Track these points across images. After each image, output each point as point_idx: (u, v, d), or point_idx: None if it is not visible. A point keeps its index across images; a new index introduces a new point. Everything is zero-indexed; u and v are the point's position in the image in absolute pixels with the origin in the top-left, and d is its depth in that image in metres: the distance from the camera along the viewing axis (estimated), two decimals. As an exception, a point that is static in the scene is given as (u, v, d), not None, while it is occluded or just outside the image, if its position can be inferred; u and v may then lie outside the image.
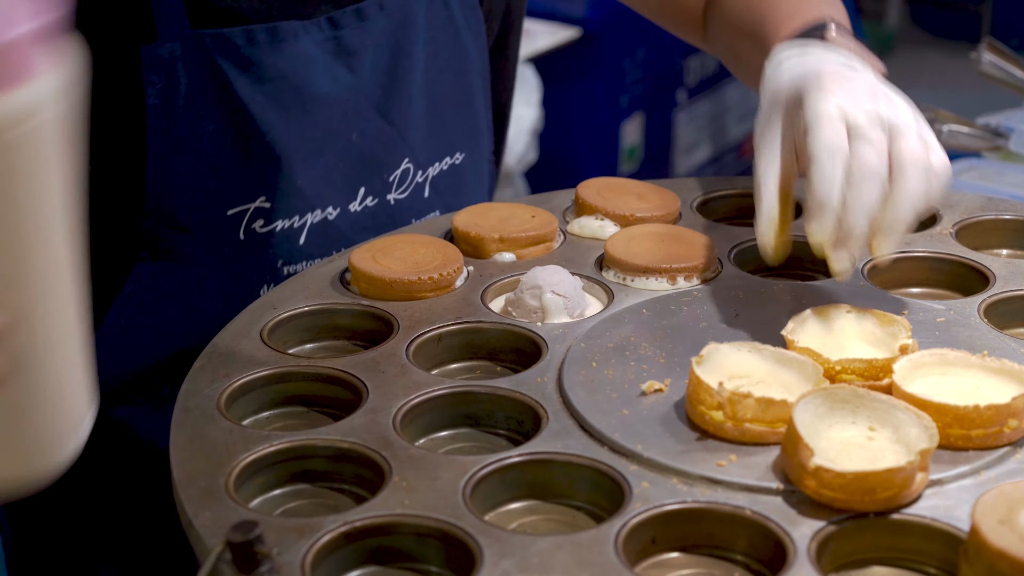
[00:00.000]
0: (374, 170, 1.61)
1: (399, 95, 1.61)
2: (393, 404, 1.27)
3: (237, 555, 1.06)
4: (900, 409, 1.17)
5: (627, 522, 1.11)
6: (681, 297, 1.44)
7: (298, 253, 1.57)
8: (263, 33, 1.49)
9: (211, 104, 1.48)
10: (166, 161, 1.48)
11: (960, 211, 1.63)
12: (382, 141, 1.61)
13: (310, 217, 1.57)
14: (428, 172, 1.67)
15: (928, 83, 5.89)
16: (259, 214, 1.54)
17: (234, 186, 1.52)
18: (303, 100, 1.53)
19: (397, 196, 1.64)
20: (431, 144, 1.66)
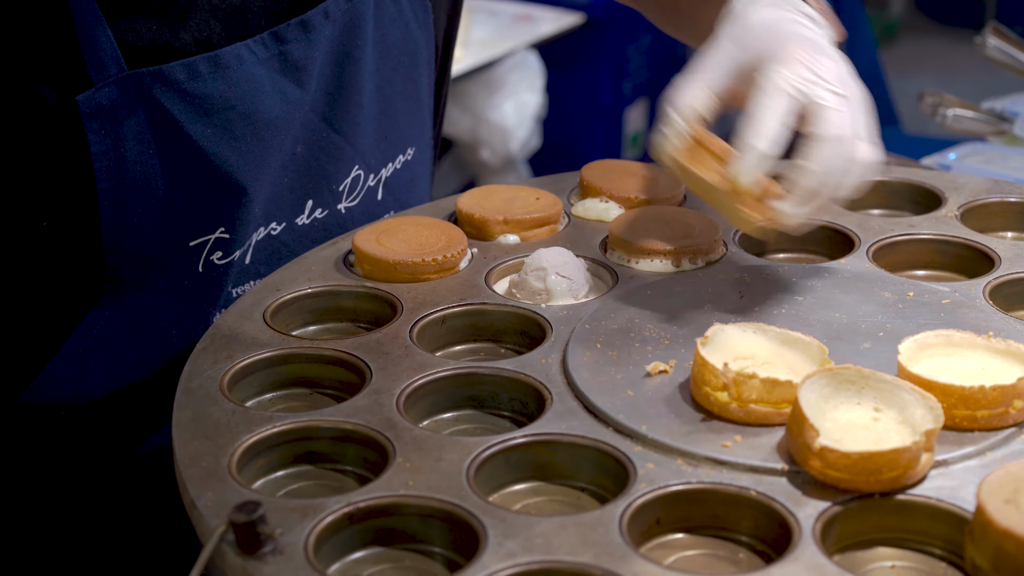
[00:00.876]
0: (321, 182, 1.57)
1: (347, 102, 1.56)
2: (397, 385, 1.27)
3: (240, 536, 1.06)
4: (905, 390, 1.17)
5: (632, 503, 1.11)
6: (685, 279, 1.44)
7: (244, 273, 1.54)
8: (204, 63, 1.42)
9: (159, 143, 1.42)
10: (120, 204, 1.42)
11: (966, 194, 1.62)
12: (328, 151, 1.57)
13: (254, 236, 1.53)
14: (381, 175, 1.64)
15: (932, 69, 5.88)
16: (218, 245, 1.50)
17: (193, 220, 1.47)
18: (255, 127, 1.47)
19: (348, 204, 1.61)
20: (382, 147, 1.63)
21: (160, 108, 1.41)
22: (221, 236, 1.49)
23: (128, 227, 1.44)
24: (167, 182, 1.44)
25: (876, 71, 4.26)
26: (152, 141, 1.42)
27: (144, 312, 1.48)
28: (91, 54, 1.37)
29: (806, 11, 1.43)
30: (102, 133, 1.39)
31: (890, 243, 1.52)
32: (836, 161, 1.30)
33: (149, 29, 1.40)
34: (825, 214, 1.37)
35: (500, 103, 3.91)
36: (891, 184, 1.67)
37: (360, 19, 1.54)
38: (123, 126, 1.40)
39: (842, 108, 1.32)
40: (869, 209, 1.65)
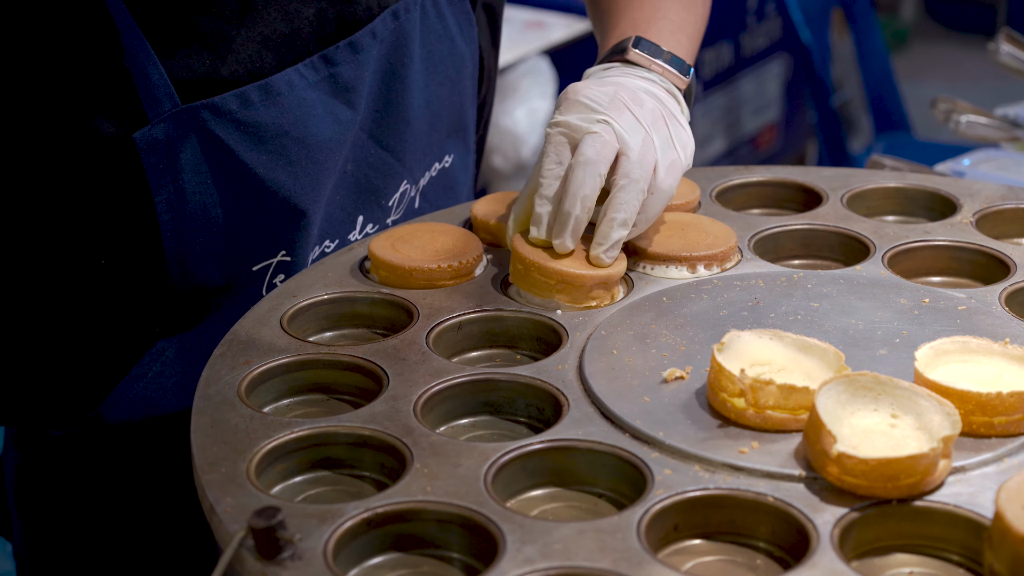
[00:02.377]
0: (371, 197, 1.59)
1: (395, 119, 1.58)
2: (414, 392, 1.27)
3: (259, 541, 1.06)
4: (923, 396, 1.17)
5: (649, 509, 1.11)
6: (701, 285, 1.44)
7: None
8: (255, 92, 1.45)
9: (216, 173, 1.45)
10: (182, 234, 1.45)
11: (981, 200, 1.62)
12: (377, 167, 1.59)
13: (310, 256, 1.56)
14: (420, 184, 1.65)
15: (944, 75, 5.88)
16: (281, 268, 1.52)
17: (254, 246, 1.50)
18: (310, 150, 1.49)
19: (395, 218, 1.63)
20: (427, 159, 1.65)
21: (215, 139, 1.43)
22: (283, 259, 1.51)
23: (191, 256, 1.46)
24: (227, 210, 1.46)
25: (888, 77, 4.26)
26: (209, 171, 1.44)
27: (212, 337, 1.49)
28: (145, 91, 1.40)
29: (634, 73, 1.50)
30: (160, 168, 1.41)
31: (906, 249, 1.52)
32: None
33: (202, 63, 1.43)
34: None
35: (512, 109, 3.91)
36: (906, 191, 1.67)
37: (407, 37, 1.56)
38: (180, 159, 1.42)
39: (603, 132, 1.38)
40: (884, 216, 1.65)
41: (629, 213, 1.39)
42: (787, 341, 1.27)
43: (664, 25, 1.57)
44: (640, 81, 1.49)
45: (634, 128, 1.40)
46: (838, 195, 1.64)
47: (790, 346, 1.27)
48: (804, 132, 5.09)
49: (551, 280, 1.40)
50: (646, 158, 1.39)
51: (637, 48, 1.51)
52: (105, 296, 1.48)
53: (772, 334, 1.28)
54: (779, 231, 1.57)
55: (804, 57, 4.00)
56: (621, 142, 1.39)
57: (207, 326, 1.51)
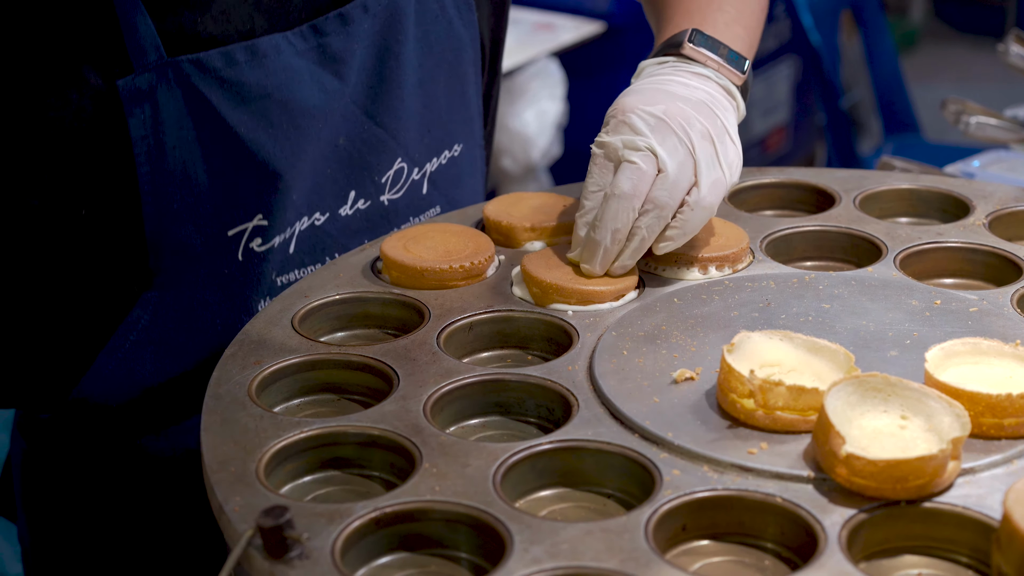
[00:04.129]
0: (364, 173, 1.59)
1: (388, 96, 1.59)
2: (424, 392, 1.27)
3: (267, 540, 1.06)
4: (932, 398, 1.17)
5: (657, 509, 1.11)
6: (713, 286, 1.44)
7: (288, 262, 1.56)
8: (241, 52, 1.46)
9: (197, 130, 1.46)
10: (160, 190, 1.46)
11: (993, 202, 1.62)
12: (371, 143, 1.59)
13: (298, 226, 1.55)
14: (425, 169, 1.65)
15: (953, 77, 5.88)
16: (257, 232, 1.52)
17: (230, 208, 1.50)
18: (291, 114, 1.50)
19: (391, 197, 1.62)
20: (426, 141, 1.65)
21: (198, 94, 1.44)
22: (259, 223, 1.51)
23: (168, 215, 1.46)
24: (205, 167, 1.47)
25: (897, 78, 4.26)
26: (190, 127, 1.45)
27: (187, 303, 1.51)
28: (131, 40, 1.41)
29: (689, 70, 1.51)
30: (142, 119, 1.42)
31: (917, 251, 1.52)
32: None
33: (191, 19, 1.44)
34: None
35: (521, 111, 3.91)
36: (919, 192, 1.67)
37: (400, 14, 1.57)
38: (162, 111, 1.43)
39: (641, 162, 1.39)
40: (897, 217, 1.65)
41: (649, 235, 1.40)
42: (797, 342, 1.27)
43: (719, 17, 1.57)
44: (695, 80, 1.48)
45: (675, 151, 1.40)
46: (850, 197, 1.64)
47: (800, 347, 1.27)
48: (813, 134, 5.09)
49: (571, 300, 1.41)
50: (680, 183, 1.39)
51: (693, 43, 1.51)
52: (83, 257, 1.49)
53: (782, 335, 1.28)
54: (791, 232, 1.57)
55: (813, 59, 4.00)
56: (661, 165, 1.39)
57: (182, 292, 1.51)
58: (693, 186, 1.40)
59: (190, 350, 1.54)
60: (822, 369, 1.24)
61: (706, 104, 1.45)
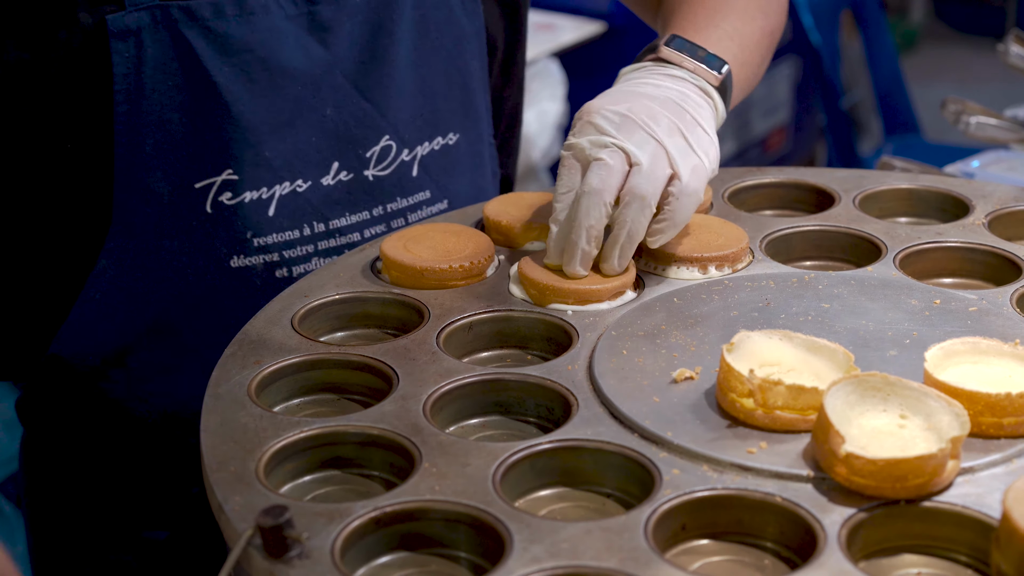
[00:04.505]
0: (349, 145, 1.60)
1: (379, 72, 1.60)
2: (423, 391, 1.27)
3: (267, 539, 1.06)
4: (931, 397, 1.17)
5: (657, 508, 1.11)
6: (712, 286, 1.44)
7: (268, 225, 1.57)
8: (232, 5, 1.49)
9: (178, 76, 1.49)
10: (134, 134, 1.48)
11: (993, 202, 1.62)
12: (358, 117, 1.60)
13: (279, 189, 1.56)
14: (416, 151, 1.65)
15: (953, 77, 5.88)
16: (226, 186, 1.54)
17: (200, 159, 1.52)
18: (271, 73, 1.53)
19: (377, 172, 1.62)
20: (418, 123, 1.65)
21: (183, 41, 1.48)
22: (229, 177, 1.53)
23: (140, 158, 1.49)
24: (180, 116, 1.49)
25: (897, 79, 4.26)
26: (172, 72, 1.48)
27: (154, 252, 1.53)
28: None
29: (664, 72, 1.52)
30: (126, 56, 1.46)
31: (917, 251, 1.52)
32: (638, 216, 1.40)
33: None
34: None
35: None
36: (918, 192, 1.67)
37: None
38: (146, 52, 1.47)
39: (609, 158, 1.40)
40: (896, 217, 1.65)
41: (635, 228, 1.40)
42: (797, 342, 1.27)
43: (712, 32, 1.58)
44: (667, 81, 1.49)
45: (645, 144, 1.40)
46: (850, 196, 1.64)
47: (800, 347, 1.27)
48: (814, 134, 5.09)
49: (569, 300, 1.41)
50: (656, 172, 1.39)
51: (670, 46, 1.52)
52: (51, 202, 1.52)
53: (782, 335, 1.28)
54: (791, 232, 1.57)
55: (814, 59, 4.00)
56: (632, 160, 1.39)
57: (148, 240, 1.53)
58: (673, 177, 1.40)
59: (161, 300, 1.55)
60: (821, 368, 1.24)
61: (674, 101, 1.46)
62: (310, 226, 1.59)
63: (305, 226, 1.59)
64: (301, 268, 1.59)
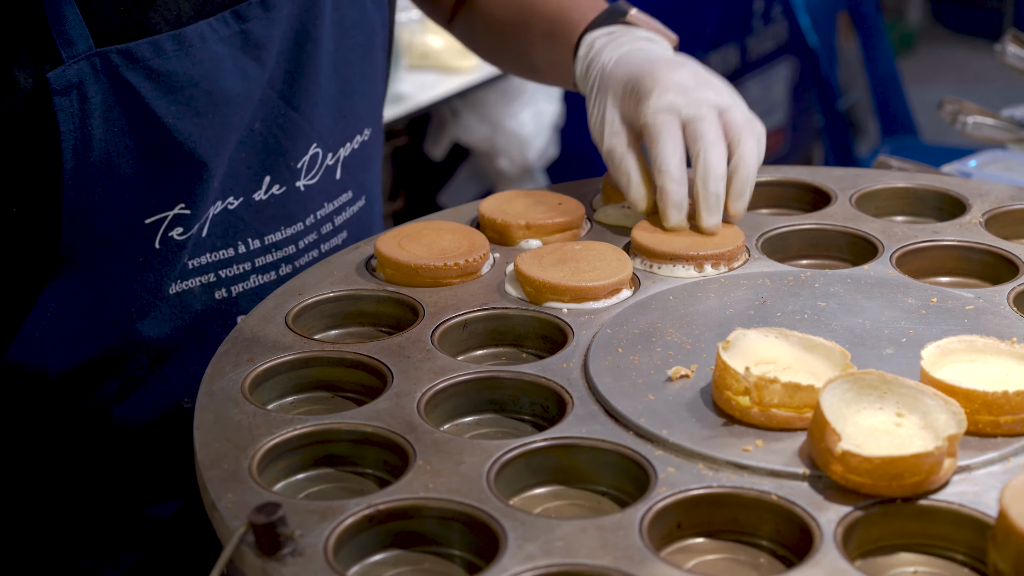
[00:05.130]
0: (279, 158, 1.59)
1: (305, 80, 1.58)
2: (418, 389, 1.27)
3: (260, 537, 1.06)
4: (928, 395, 1.16)
5: (652, 506, 1.11)
6: (708, 284, 1.44)
7: (201, 246, 1.54)
8: (169, 42, 1.45)
9: (122, 121, 1.44)
10: (82, 182, 1.44)
11: (990, 200, 1.62)
12: (287, 128, 1.58)
13: (212, 210, 1.54)
14: (339, 154, 1.65)
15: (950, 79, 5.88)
16: (178, 221, 1.51)
17: (152, 196, 1.49)
18: (216, 103, 1.49)
19: (307, 182, 1.61)
20: (340, 126, 1.65)
21: (126, 85, 1.43)
22: (181, 212, 1.50)
23: (88, 205, 1.45)
24: (130, 158, 1.46)
25: (895, 80, 4.26)
26: (117, 118, 1.44)
27: (98, 290, 1.50)
28: (59, 31, 1.40)
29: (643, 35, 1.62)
30: (70, 111, 1.41)
31: (914, 249, 1.52)
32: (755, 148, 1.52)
33: (117, 10, 1.43)
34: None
35: (518, 112, 3.91)
36: (915, 191, 1.67)
37: None
38: (90, 103, 1.42)
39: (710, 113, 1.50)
40: (893, 216, 1.65)
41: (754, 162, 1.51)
42: (792, 340, 1.27)
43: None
44: (657, 46, 1.60)
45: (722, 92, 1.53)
46: (847, 195, 1.64)
47: (796, 345, 1.26)
48: (811, 135, 5.09)
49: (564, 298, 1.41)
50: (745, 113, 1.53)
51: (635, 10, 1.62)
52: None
53: (778, 332, 1.27)
54: (787, 231, 1.57)
55: (811, 60, 4.00)
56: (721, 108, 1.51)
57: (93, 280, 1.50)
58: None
59: (102, 337, 1.53)
60: (817, 367, 1.24)
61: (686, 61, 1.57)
62: (245, 243, 1.57)
63: (240, 244, 1.57)
64: (240, 287, 1.57)
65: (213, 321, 1.55)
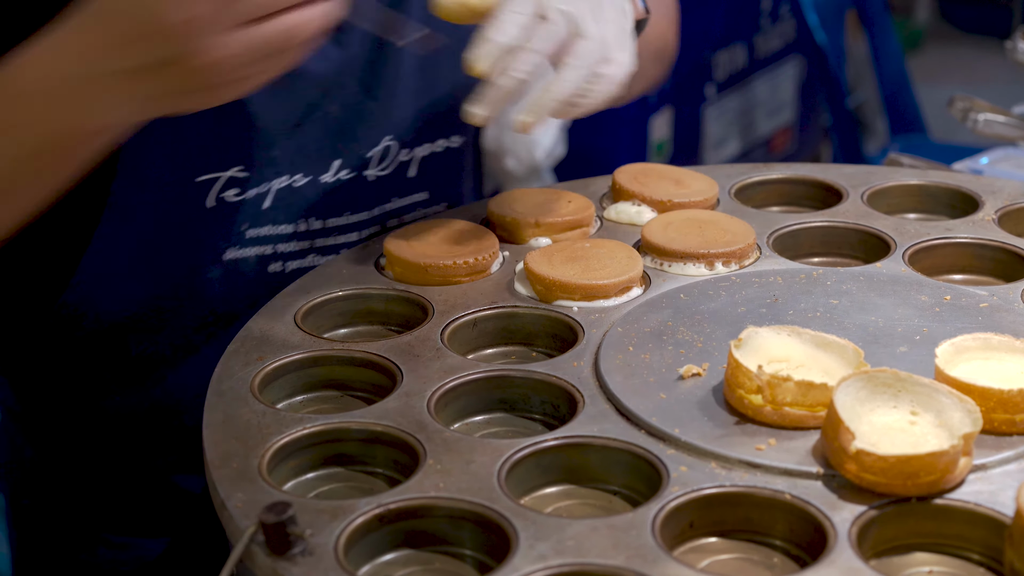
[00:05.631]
0: (350, 143, 1.59)
1: (386, 70, 1.58)
2: (428, 388, 1.26)
3: (270, 536, 1.05)
4: (943, 393, 1.16)
5: (664, 506, 1.10)
6: (719, 282, 1.43)
7: (262, 217, 1.55)
8: None
9: None
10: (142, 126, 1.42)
11: (1003, 197, 1.61)
12: (361, 115, 1.58)
13: (276, 183, 1.55)
14: (415, 152, 1.64)
15: (959, 77, 5.86)
16: (233, 183, 1.52)
17: (207, 154, 1.50)
18: (290, 76, 1.45)
19: (378, 173, 1.61)
20: (420, 124, 1.64)
21: None
22: (237, 175, 1.51)
23: (145, 150, 1.46)
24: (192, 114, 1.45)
25: (903, 79, 4.25)
26: None
27: (150, 240, 1.50)
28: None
29: None
30: None
31: (927, 247, 1.51)
32: (569, 82, 1.36)
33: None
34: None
35: (525, 111, 3.90)
36: (927, 188, 1.66)
37: None
38: None
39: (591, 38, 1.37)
40: (905, 213, 1.64)
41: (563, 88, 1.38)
42: (805, 338, 1.26)
43: None
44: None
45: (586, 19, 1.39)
46: (858, 192, 1.63)
47: (808, 342, 1.25)
48: (819, 134, 5.08)
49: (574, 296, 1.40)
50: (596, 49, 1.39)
51: None
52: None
53: (790, 330, 1.26)
54: (798, 228, 1.56)
55: (819, 59, 3.99)
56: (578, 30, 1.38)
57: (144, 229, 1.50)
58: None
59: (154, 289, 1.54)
60: (831, 365, 1.23)
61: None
62: (307, 222, 1.57)
63: (302, 222, 1.57)
64: (296, 264, 1.57)
65: (266, 293, 1.55)
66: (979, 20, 6.54)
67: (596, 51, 1.37)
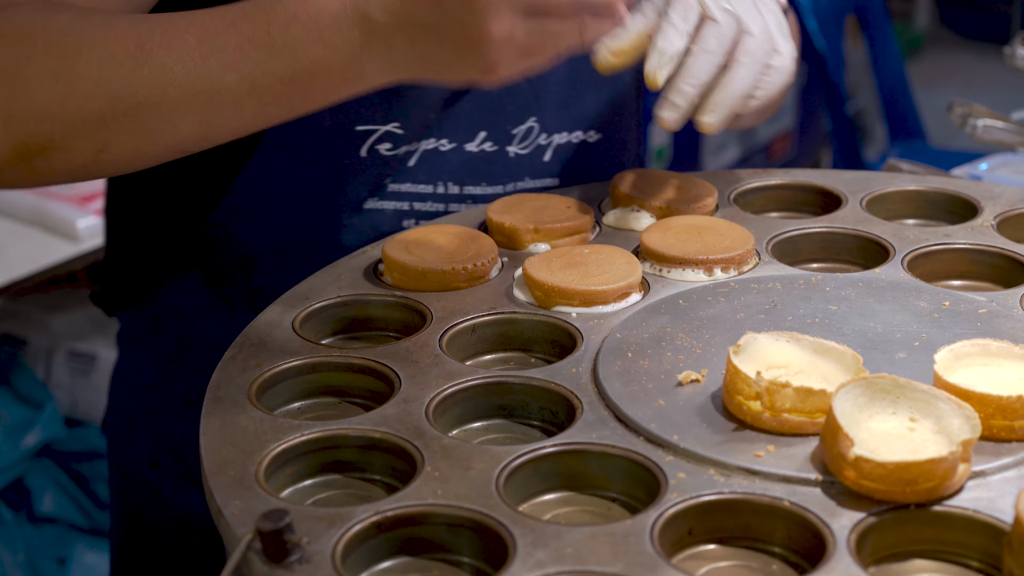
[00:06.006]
0: (499, 118, 1.62)
1: None
2: (426, 394, 1.26)
3: (267, 544, 1.05)
4: (942, 400, 1.15)
5: (663, 513, 1.10)
6: (718, 288, 1.43)
7: (405, 174, 1.59)
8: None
9: None
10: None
11: (1002, 203, 1.61)
12: (514, 93, 1.61)
13: (425, 144, 1.58)
14: (553, 139, 1.66)
15: (958, 83, 5.87)
16: (388, 137, 1.55)
17: (373, 106, 1.53)
18: None
19: (518, 150, 1.64)
20: (561, 113, 1.66)
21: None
22: (394, 130, 1.55)
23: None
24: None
25: (903, 84, 4.25)
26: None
27: (297, 177, 1.54)
28: None
29: None
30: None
31: (925, 252, 1.50)
32: (747, 79, 1.41)
33: None
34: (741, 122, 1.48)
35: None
36: (926, 194, 1.66)
37: None
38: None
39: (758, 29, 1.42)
40: (904, 219, 1.64)
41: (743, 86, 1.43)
42: (804, 344, 1.26)
43: None
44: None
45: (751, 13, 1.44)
46: (857, 198, 1.63)
47: (807, 349, 1.25)
48: (818, 140, 5.09)
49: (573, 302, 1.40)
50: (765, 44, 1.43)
51: None
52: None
53: (789, 337, 1.26)
54: (797, 234, 1.56)
55: (818, 64, 3.99)
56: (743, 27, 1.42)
57: (296, 166, 1.55)
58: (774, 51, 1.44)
59: (298, 228, 1.58)
60: (829, 371, 1.23)
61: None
62: (445, 185, 1.61)
63: (440, 184, 1.61)
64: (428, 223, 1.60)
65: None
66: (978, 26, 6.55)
67: (764, 44, 1.42)
